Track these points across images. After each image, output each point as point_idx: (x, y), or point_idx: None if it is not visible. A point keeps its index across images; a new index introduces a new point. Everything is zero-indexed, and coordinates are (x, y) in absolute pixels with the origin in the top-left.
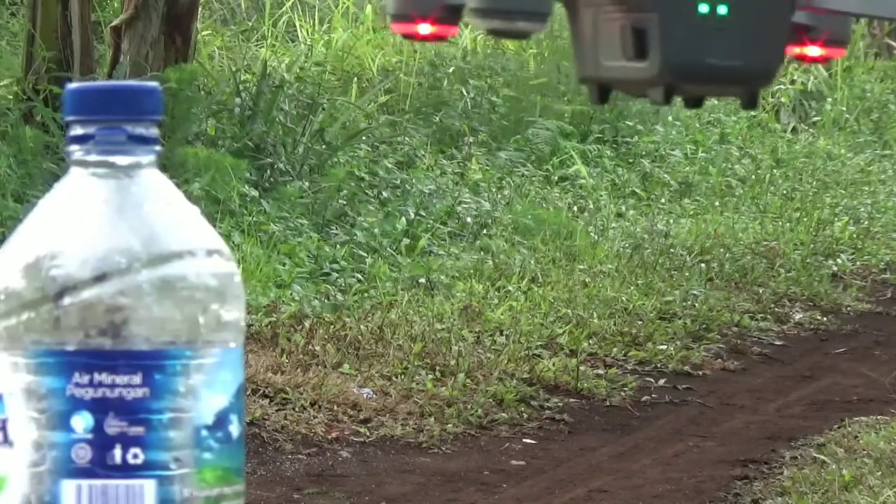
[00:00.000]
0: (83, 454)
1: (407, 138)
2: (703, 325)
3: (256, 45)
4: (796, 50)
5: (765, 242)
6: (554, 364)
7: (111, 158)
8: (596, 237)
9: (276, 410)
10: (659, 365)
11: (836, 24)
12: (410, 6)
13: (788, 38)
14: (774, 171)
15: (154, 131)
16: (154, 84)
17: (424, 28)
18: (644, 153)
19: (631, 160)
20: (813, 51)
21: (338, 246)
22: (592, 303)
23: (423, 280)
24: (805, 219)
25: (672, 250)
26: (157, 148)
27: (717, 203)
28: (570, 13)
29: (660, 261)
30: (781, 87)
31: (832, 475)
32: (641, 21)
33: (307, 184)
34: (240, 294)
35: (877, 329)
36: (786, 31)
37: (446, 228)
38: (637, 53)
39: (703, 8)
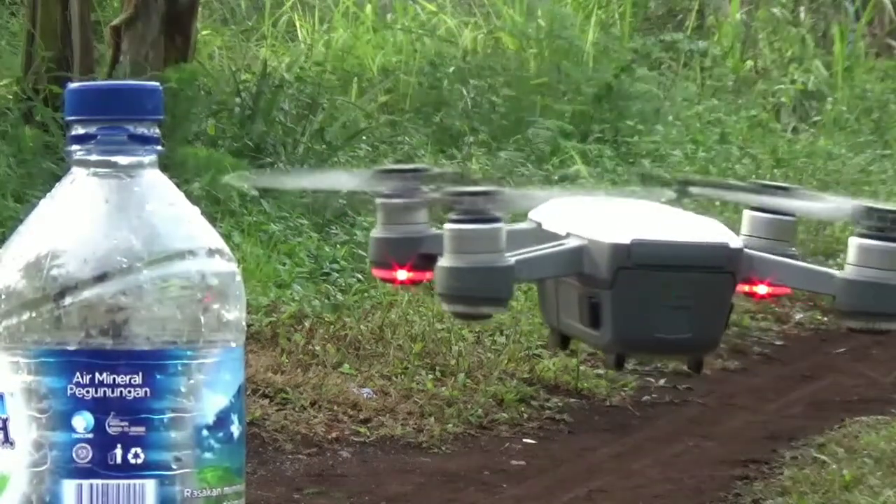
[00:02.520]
0: (84, 454)
1: (407, 138)
2: None
3: (256, 45)
4: (746, 288)
5: None
6: (554, 364)
7: (112, 158)
8: None
9: (276, 410)
10: (659, 365)
11: (780, 270)
12: (389, 255)
13: (731, 309)
14: (775, 170)
15: (155, 131)
16: (155, 84)
17: (402, 274)
18: (644, 153)
19: (631, 160)
20: (761, 289)
21: (338, 246)
22: None
23: None
24: (805, 218)
25: None
26: (159, 148)
27: (717, 202)
28: None
29: None
30: (782, 86)
31: (832, 475)
32: (596, 295)
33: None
34: (240, 294)
35: None
36: (728, 304)
37: None
38: (591, 322)
39: (651, 288)
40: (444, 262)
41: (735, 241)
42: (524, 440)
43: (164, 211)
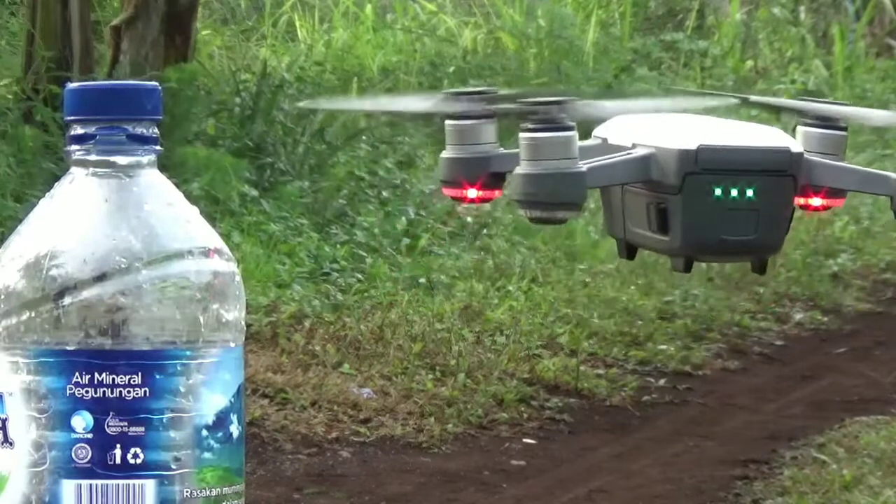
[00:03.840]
0: (83, 454)
1: (407, 138)
2: (704, 325)
3: (256, 45)
4: (801, 201)
5: None
6: (554, 364)
7: (111, 158)
8: (596, 237)
9: (276, 410)
10: (659, 365)
11: (838, 174)
12: (459, 174)
13: (792, 212)
14: None
15: (154, 131)
16: (154, 84)
17: (472, 192)
18: None
19: None
20: (816, 201)
21: (338, 246)
22: (592, 303)
23: (423, 280)
24: (805, 219)
25: None
26: (158, 147)
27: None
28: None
29: (660, 261)
30: (782, 86)
31: (833, 475)
32: (664, 201)
33: (307, 184)
34: (240, 294)
35: (877, 329)
36: (791, 207)
37: (446, 228)
38: (660, 228)
39: (718, 192)
40: (520, 169)
41: (796, 146)
42: (524, 440)
43: (163, 211)
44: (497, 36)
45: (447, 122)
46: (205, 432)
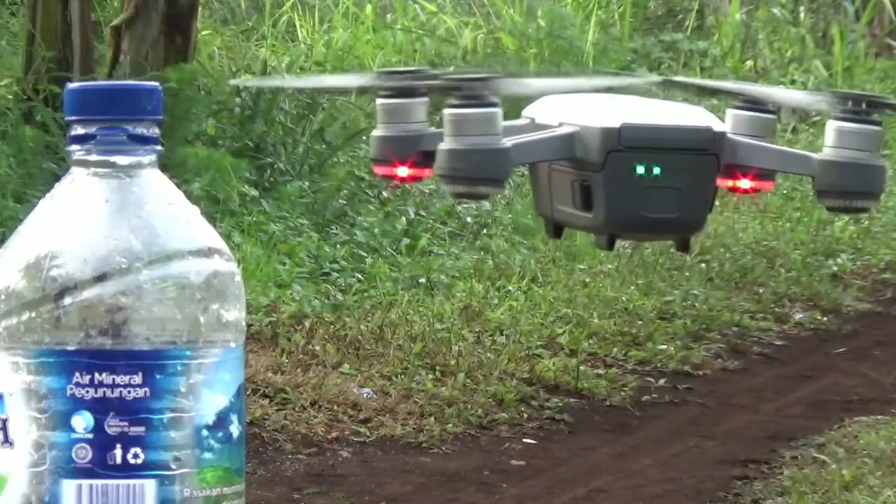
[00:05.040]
0: (84, 454)
1: None
2: (703, 325)
3: (256, 45)
4: (729, 183)
5: (765, 242)
6: (554, 364)
7: (112, 158)
8: None
9: (276, 410)
10: (659, 365)
11: (761, 154)
12: (389, 152)
13: (715, 191)
14: None
15: (155, 131)
16: (155, 84)
17: (402, 171)
18: None
19: None
20: (744, 183)
21: (338, 246)
22: (592, 302)
23: (423, 280)
24: (805, 219)
25: (672, 250)
26: (158, 148)
27: (716, 202)
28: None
29: (660, 261)
30: (781, 86)
31: (832, 475)
32: (588, 179)
33: (307, 183)
34: (240, 294)
35: (877, 329)
36: (713, 185)
37: (446, 228)
38: (584, 205)
39: (640, 170)
40: (444, 144)
41: (719, 126)
42: (524, 440)
43: (164, 211)
44: (497, 36)
45: (378, 100)
46: (205, 432)
